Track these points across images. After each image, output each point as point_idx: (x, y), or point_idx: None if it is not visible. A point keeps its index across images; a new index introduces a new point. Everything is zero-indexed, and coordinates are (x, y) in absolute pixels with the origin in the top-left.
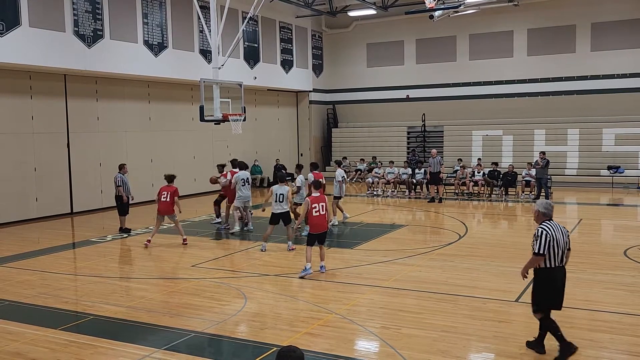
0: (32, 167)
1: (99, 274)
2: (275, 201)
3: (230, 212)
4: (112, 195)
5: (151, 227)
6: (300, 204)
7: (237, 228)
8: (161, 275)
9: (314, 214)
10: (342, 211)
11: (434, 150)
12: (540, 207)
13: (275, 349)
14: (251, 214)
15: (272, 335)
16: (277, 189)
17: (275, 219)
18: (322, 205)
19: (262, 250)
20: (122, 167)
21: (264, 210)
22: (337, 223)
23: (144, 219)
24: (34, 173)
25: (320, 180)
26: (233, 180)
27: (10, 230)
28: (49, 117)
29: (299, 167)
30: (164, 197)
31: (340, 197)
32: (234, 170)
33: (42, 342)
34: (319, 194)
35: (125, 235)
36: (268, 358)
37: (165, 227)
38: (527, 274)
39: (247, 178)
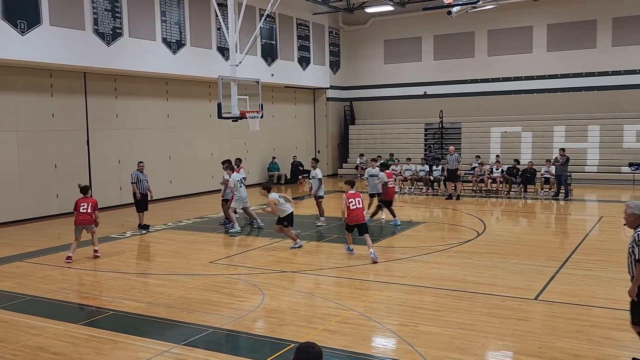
0: (53, 164)
1: (119, 269)
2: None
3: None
4: (131, 192)
5: (169, 224)
6: (322, 197)
7: (237, 228)
8: (180, 271)
9: (352, 207)
10: (393, 215)
11: (451, 148)
12: (636, 209)
13: (292, 345)
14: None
15: (289, 331)
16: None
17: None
18: (358, 200)
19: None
20: (138, 165)
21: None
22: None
23: (163, 215)
24: (55, 170)
25: (354, 180)
26: (230, 182)
27: (31, 226)
28: (69, 114)
29: (315, 161)
30: (83, 209)
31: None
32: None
33: (63, 336)
34: (354, 191)
35: (144, 231)
36: (286, 354)
37: (183, 223)
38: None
39: (243, 179)
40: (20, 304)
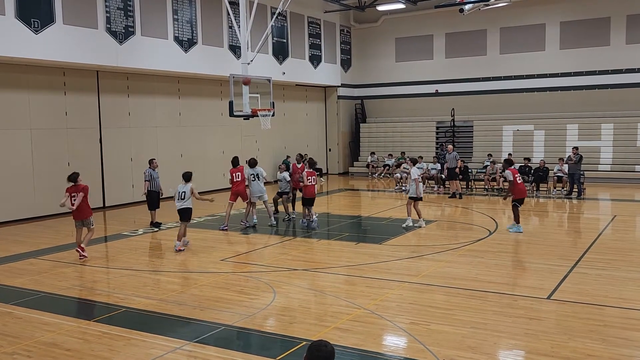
0: (66, 162)
1: (131, 267)
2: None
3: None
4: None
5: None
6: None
7: (255, 221)
8: (191, 268)
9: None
10: (418, 215)
11: (450, 146)
12: None
13: (304, 343)
14: (272, 207)
15: (300, 329)
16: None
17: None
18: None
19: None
20: (151, 162)
21: (212, 200)
22: (411, 224)
23: (174, 213)
24: (68, 168)
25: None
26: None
27: (46, 224)
28: (82, 112)
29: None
30: (73, 199)
31: (418, 198)
32: (234, 168)
33: (76, 333)
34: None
35: (155, 229)
36: (297, 352)
37: (194, 221)
38: None
39: (257, 174)
40: (34, 300)
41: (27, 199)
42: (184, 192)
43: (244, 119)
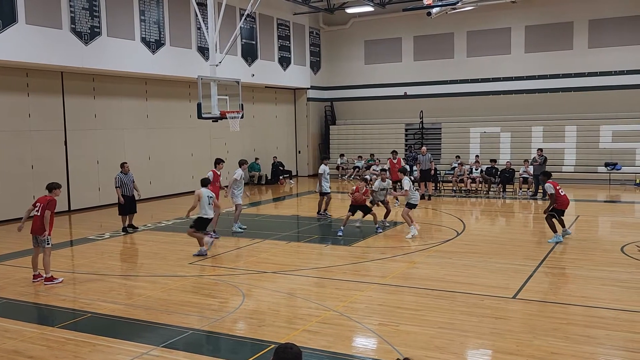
0: (30, 165)
1: (97, 271)
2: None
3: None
4: (110, 193)
5: (149, 225)
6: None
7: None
8: (159, 272)
9: None
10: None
11: (423, 148)
12: None
13: (273, 346)
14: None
15: (270, 332)
16: (205, 192)
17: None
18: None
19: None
20: (122, 166)
21: (187, 216)
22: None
23: (143, 216)
24: (31, 170)
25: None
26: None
27: (7, 228)
28: (46, 114)
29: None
30: (36, 211)
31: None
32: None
33: (39, 340)
34: None
35: (125, 233)
36: (266, 355)
37: (162, 224)
38: None
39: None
40: None
41: None
42: (210, 197)
43: (213, 121)
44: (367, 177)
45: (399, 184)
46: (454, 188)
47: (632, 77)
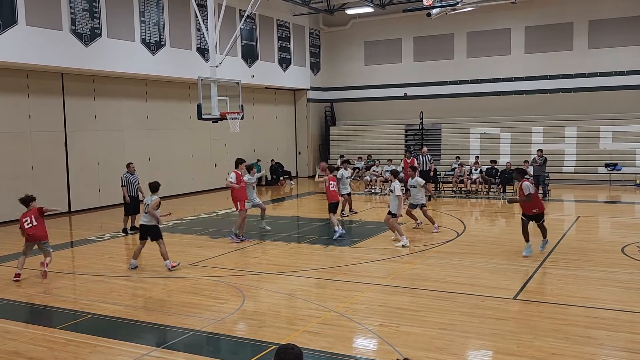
0: (30, 166)
1: (97, 272)
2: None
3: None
4: (110, 194)
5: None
6: (347, 194)
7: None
8: (159, 273)
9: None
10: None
11: (424, 149)
12: None
13: (273, 347)
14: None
15: (270, 333)
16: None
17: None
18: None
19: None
20: (128, 166)
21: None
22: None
23: None
24: (32, 172)
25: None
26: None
27: (7, 229)
28: (46, 115)
29: (346, 162)
30: (27, 224)
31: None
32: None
33: (40, 341)
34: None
35: (124, 234)
36: (266, 356)
37: (163, 225)
38: None
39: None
40: None
41: None
42: (148, 204)
43: (213, 122)
44: (367, 177)
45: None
46: (454, 189)
47: (632, 77)
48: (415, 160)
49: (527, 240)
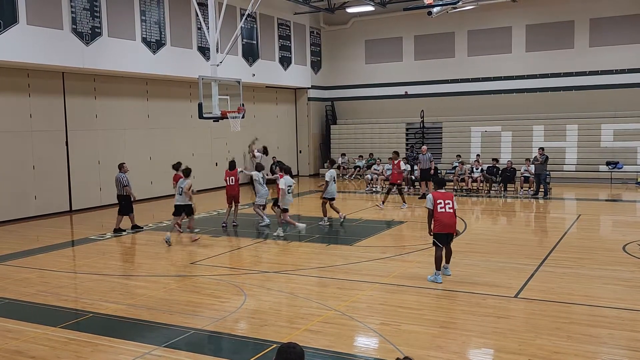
0: (31, 165)
1: (98, 271)
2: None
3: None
4: (112, 193)
5: (150, 225)
6: (329, 199)
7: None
8: (161, 272)
9: (439, 210)
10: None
11: (424, 147)
12: None
13: (275, 346)
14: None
15: (271, 332)
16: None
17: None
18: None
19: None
20: (121, 167)
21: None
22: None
23: (144, 216)
24: (33, 171)
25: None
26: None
27: (9, 228)
28: (47, 115)
29: (332, 162)
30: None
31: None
32: (178, 174)
33: (41, 340)
34: (443, 190)
35: (130, 231)
36: (268, 355)
37: (164, 224)
38: None
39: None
40: None
41: None
42: (181, 187)
43: (214, 121)
44: (369, 176)
45: (395, 187)
46: (455, 187)
47: (633, 75)
48: (402, 163)
49: (439, 268)
